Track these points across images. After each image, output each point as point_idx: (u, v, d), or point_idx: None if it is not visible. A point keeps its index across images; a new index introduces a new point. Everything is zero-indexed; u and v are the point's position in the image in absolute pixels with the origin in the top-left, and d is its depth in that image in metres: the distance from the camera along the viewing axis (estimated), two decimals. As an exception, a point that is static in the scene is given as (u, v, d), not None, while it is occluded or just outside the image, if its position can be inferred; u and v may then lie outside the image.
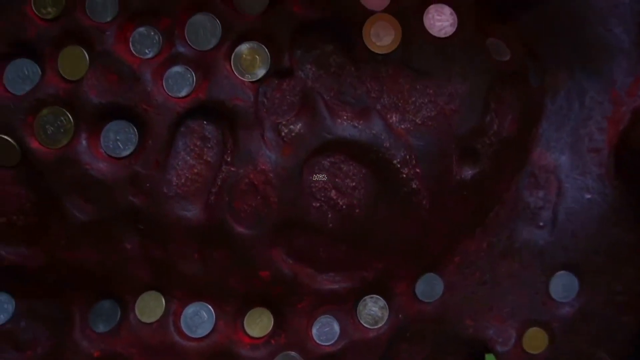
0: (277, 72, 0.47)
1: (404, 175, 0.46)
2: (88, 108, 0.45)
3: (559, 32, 0.52)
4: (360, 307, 0.51)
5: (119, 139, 0.46)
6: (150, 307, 0.49)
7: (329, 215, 0.47)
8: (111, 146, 0.46)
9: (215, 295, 0.49)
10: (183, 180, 0.46)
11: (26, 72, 0.46)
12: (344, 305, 0.51)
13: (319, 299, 0.50)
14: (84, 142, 0.45)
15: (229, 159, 0.46)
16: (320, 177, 0.45)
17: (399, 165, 0.46)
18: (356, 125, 0.46)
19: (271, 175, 0.45)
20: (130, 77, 0.45)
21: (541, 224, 0.53)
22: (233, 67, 0.46)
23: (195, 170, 0.46)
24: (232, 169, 0.45)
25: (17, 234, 0.47)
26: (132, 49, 0.46)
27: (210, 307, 0.49)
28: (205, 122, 0.46)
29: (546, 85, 0.53)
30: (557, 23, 0.52)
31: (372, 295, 0.51)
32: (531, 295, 0.52)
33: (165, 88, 0.46)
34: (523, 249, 0.53)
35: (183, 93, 0.46)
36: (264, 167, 0.45)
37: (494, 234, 0.53)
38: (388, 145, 0.46)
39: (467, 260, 0.53)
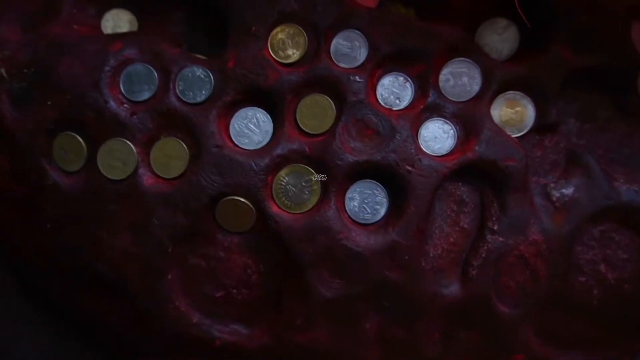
0: (539, 126, 0.41)
1: (687, 248, 0.40)
2: (342, 167, 0.38)
3: None
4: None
5: (367, 202, 0.39)
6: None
7: (594, 292, 0.41)
8: (356, 210, 0.39)
9: (450, 379, 0.42)
10: (440, 251, 0.40)
11: (256, 123, 0.40)
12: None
13: (557, 380, 0.43)
14: (333, 206, 0.38)
15: (495, 227, 0.39)
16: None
17: (684, 237, 0.40)
18: (637, 189, 0.40)
19: (543, 246, 0.39)
20: (388, 132, 0.39)
21: None
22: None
23: (452, 240, 0.40)
24: (500, 239, 0.39)
25: (236, 310, 0.40)
26: (378, 98, 0.40)
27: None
28: (460, 184, 0.40)
29: None
30: None
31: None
32: None
33: (421, 145, 0.39)
34: None
35: (444, 151, 0.39)
36: (535, 237, 0.39)
37: None
38: (674, 213, 0.40)
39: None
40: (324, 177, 0.38)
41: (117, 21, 0.43)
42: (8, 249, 0.43)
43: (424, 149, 0.39)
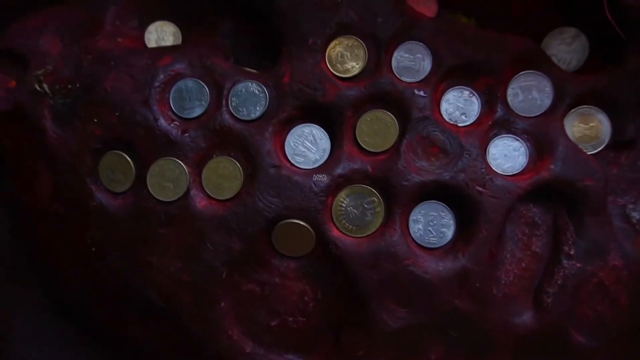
0: (615, 143, 0.38)
1: None
2: (408, 188, 0.36)
3: None
4: None
5: (432, 224, 0.37)
6: None
7: (677, 320, 0.38)
8: (421, 234, 0.37)
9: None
10: (511, 278, 0.37)
11: (312, 140, 0.37)
12: None
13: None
14: (398, 229, 0.36)
15: (571, 252, 0.36)
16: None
17: None
18: None
19: (624, 272, 0.36)
20: (456, 150, 0.36)
21: None
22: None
23: (523, 265, 0.37)
24: (578, 264, 0.36)
25: (291, 339, 0.38)
26: (443, 113, 0.37)
27: None
28: (531, 205, 0.37)
29: None
30: None
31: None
32: None
33: (491, 163, 0.37)
34: None
35: (515, 170, 0.37)
36: (616, 262, 0.36)
37: None
38: None
39: None
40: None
41: (161, 33, 0.41)
42: (51, 272, 0.41)
43: (494, 168, 0.36)
